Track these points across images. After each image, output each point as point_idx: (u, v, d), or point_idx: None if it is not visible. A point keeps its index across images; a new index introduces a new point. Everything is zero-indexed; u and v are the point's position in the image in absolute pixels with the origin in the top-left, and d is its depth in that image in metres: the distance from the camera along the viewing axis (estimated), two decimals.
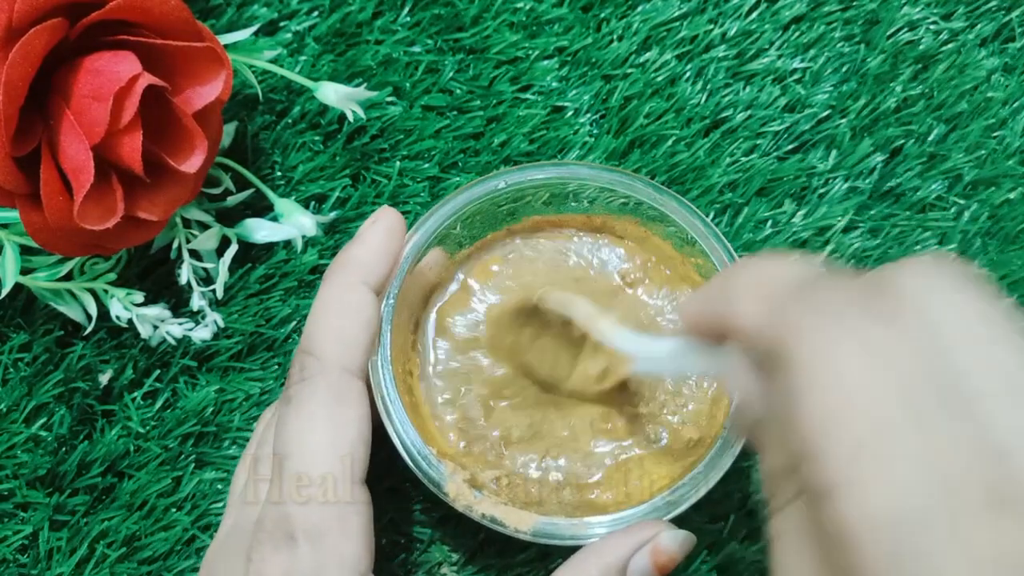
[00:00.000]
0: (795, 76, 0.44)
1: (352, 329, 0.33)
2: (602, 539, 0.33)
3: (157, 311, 0.39)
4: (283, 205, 0.41)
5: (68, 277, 0.39)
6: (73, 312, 0.39)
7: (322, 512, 0.31)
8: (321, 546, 0.30)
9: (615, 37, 0.44)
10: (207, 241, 0.40)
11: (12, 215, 0.38)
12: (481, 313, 0.39)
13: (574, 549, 0.33)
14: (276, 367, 0.41)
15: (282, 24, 0.44)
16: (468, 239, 0.38)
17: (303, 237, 0.41)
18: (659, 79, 0.43)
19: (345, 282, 0.34)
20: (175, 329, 0.39)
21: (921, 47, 0.44)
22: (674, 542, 0.32)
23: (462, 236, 0.38)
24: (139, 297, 0.39)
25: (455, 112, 0.43)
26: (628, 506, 0.34)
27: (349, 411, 0.32)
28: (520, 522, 0.33)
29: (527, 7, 0.44)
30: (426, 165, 0.43)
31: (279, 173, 0.43)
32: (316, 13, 0.44)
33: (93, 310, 0.39)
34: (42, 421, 0.40)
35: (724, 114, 0.43)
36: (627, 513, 0.33)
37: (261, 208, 0.42)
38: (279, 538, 0.30)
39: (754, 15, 0.44)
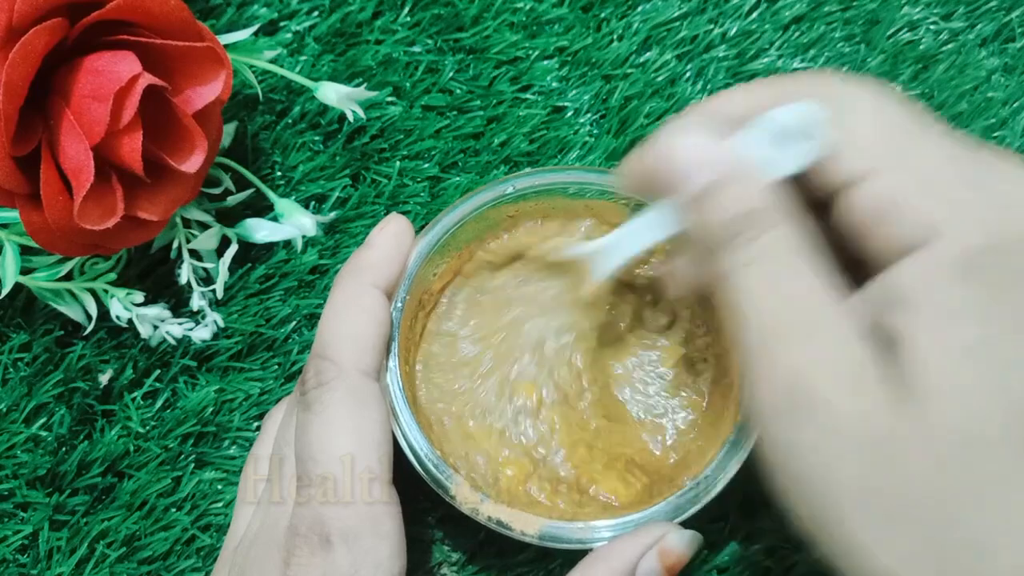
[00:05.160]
0: None
1: (367, 332, 0.34)
2: (609, 543, 0.33)
3: (157, 311, 0.39)
4: (283, 205, 0.41)
5: (68, 277, 0.39)
6: (73, 312, 0.39)
7: (355, 514, 0.31)
8: (357, 548, 0.31)
9: (615, 37, 0.44)
10: (207, 241, 0.40)
11: (12, 215, 0.38)
12: (481, 314, 0.39)
13: (579, 551, 0.33)
14: (276, 367, 0.41)
15: (282, 24, 0.44)
16: (471, 239, 0.38)
17: (303, 237, 0.41)
18: (659, 79, 0.43)
19: (357, 286, 0.34)
20: (175, 329, 0.39)
21: (921, 47, 0.44)
22: (681, 542, 0.33)
23: (467, 238, 0.38)
24: (139, 297, 0.39)
25: (455, 112, 0.43)
26: (631, 510, 0.34)
27: (371, 414, 0.32)
28: (526, 525, 0.33)
29: (527, 7, 0.44)
30: (426, 165, 0.43)
31: (279, 173, 0.43)
32: (316, 13, 0.44)
33: (93, 310, 0.39)
34: (42, 421, 0.40)
35: None
36: (633, 516, 0.33)
37: (261, 208, 0.42)
38: (315, 542, 0.31)
39: (754, 15, 0.44)
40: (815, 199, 0.28)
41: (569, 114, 0.43)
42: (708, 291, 0.29)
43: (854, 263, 0.27)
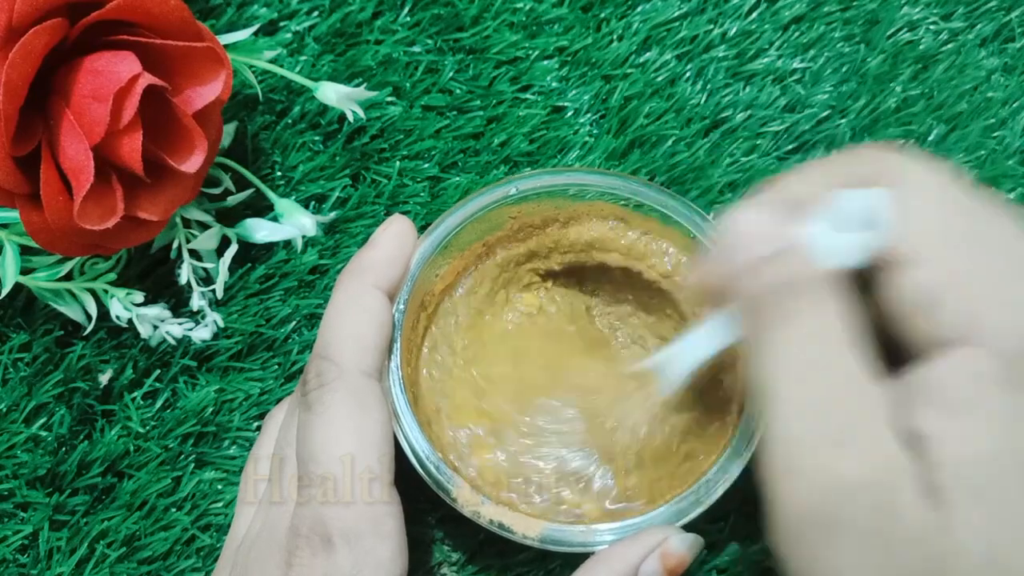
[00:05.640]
0: (795, 76, 0.44)
1: (369, 333, 0.34)
2: (611, 546, 0.33)
3: (157, 311, 0.39)
4: (283, 205, 0.41)
5: (68, 277, 0.39)
6: (73, 312, 0.39)
7: (356, 514, 0.31)
8: (358, 549, 0.31)
9: (615, 37, 0.44)
10: (207, 241, 0.40)
11: (12, 215, 0.38)
12: (478, 315, 0.39)
13: (582, 555, 0.33)
14: (276, 367, 0.41)
15: (282, 24, 0.44)
16: (473, 241, 0.38)
17: (303, 237, 0.41)
18: (659, 79, 0.43)
19: (360, 286, 0.34)
20: (175, 329, 0.39)
21: (921, 47, 0.44)
22: (683, 545, 0.33)
23: (469, 240, 0.38)
24: (139, 297, 0.39)
25: (455, 112, 0.43)
26: (629, 515, 0.34)
27: (372, 414, 0.32)
28: (528, 528, 0.33)
29: (527, 7, 0.44)
30: (426, 165, 0.43)
31: (279, 173, 0.43)
32: (316, 13, 0.44)
33: (93, 310, 0.39)
34: (42, 421, 0.40)
35: (724, 114, 0.43)
36: (635, 520, 0.33)
37: (261, 208, 0.42)
38: (316, 543, 0.31)
39: (754, 15, 0.44)
40: (861, 270, 0.27)
41: (569, 114, 0.43)
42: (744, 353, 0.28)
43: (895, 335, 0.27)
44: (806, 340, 0.25)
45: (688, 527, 0.33)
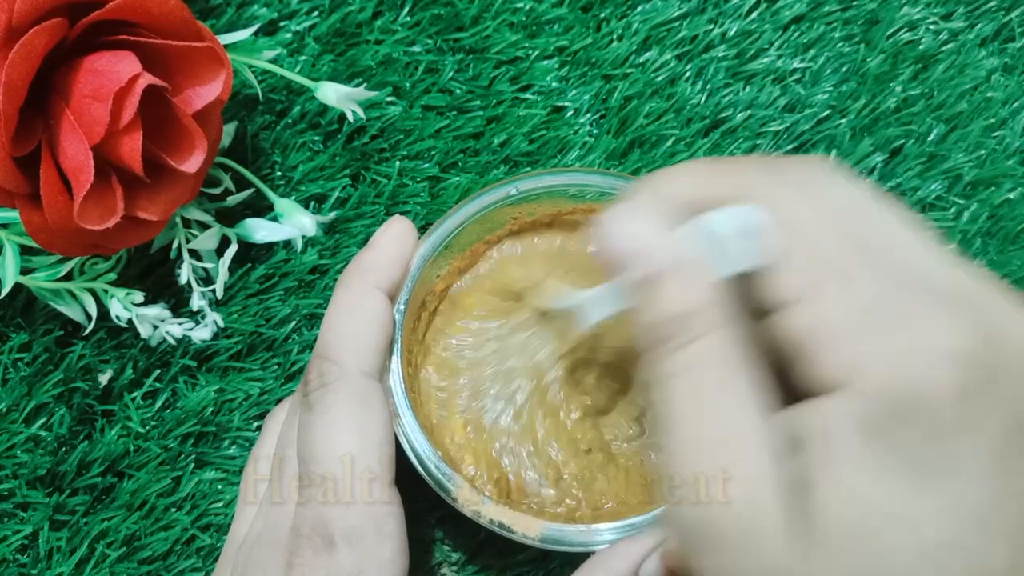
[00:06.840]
0: (795, 76, 0.44)
1: (370, 333, 0.34)
2: (611, 546, 0.33)
3: (157, 311, 0.39)
4: (283, 205, 0.41)
5: (68, 277, 0.39)
6: (73, 312, 0.39)
7: (358, 515, 0.31)
8: (359, 549, 0.31)
9: (615, 37, 0.44)
10: (207, 241, 0.40)
11: (12, 215, 0.37)
12: (481, 314, 0.39)
13: (581, 554, 0.33)
14: (276, 367, 0.41)
15: (282, 24, 0.44)
16: (474, 241, 0.38)
17: (303, 237, 0.41)
18: (659, 79, 0.43)
19: (360, 287, 0.34)
20: (175, 329, 0.39)
21: (921, 47, 0.44)
22: None
23: (469, 240, 0.38)
24: (139, 297, 0.39)
25: (455, 112, 0.43)
26: (630, 514, 0.34)
27: (373, 415, 0.33)
28: (528, 528, 0.33)
29: (527, 7, 0.44)
30: (426, 165, 0.43)
31: (279, 173, 0.43)
32: (316, 13, 0.44)
33: (93, 310, 0.39)
34: (42, 421, 0.40)
35: (724, 114, 0.43)
36: (636, 520, 0.33)
37: (261, 208, 0.42)
38: (318, 543, 0.31)
39: (754, 15, 0.44)
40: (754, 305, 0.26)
41: (569, 114, 0.43)
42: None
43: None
44: (697, 369, 0.25)
45: None
